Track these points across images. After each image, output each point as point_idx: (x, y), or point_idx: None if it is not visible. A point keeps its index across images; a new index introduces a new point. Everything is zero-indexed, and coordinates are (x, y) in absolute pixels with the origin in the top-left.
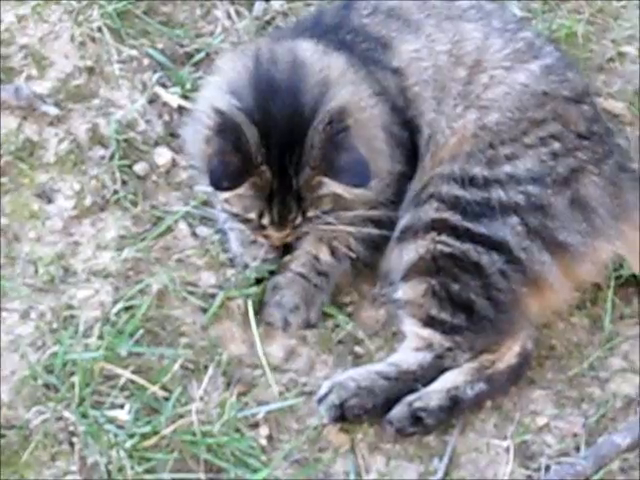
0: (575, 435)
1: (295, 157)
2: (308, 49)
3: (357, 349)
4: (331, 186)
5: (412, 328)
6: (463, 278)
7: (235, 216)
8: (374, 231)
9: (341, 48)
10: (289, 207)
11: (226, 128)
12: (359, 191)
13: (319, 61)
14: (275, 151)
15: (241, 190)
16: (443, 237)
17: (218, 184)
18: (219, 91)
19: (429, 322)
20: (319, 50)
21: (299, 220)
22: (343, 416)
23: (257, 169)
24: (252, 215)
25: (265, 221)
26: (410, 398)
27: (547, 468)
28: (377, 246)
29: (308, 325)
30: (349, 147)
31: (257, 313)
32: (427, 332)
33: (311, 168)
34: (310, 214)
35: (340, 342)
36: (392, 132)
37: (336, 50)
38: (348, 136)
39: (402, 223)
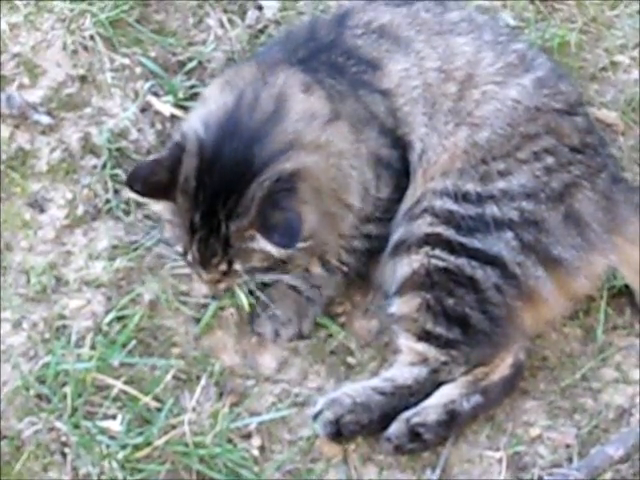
0: (568, 446)
1: (231, 203)
2: (297, 99)
3: (349, 359)
4: (261, 242)
5: (407, 343)
6: (458, 292)
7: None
8: (364, 244)
9: (331, 71)
10: (213, 250)
11: (176, 147)
12: (286, 252)
13: (299, 118)
14: (209, 190)
15: (166, 212)
16: (437, 252)
17: (131, 180)
18: (197, 118)
19: (424, 337)
20: (307, 98)
21: (223, 267)
22: (339, 432)
23: (175, 197)
24: (179, 248)
25: (189, 258)
26: (407, 414)
27: (540, 479)
28: (369, 257)
29: (300, 337)
30: (286, 207)
31: (248, 323)
32: (422, 347)
33: (246, 220)
34: (237, 267)
35: (332, 352)
36: (380, 157)
37: (327, 76)
38: (289, 197)
39: (395, 237)
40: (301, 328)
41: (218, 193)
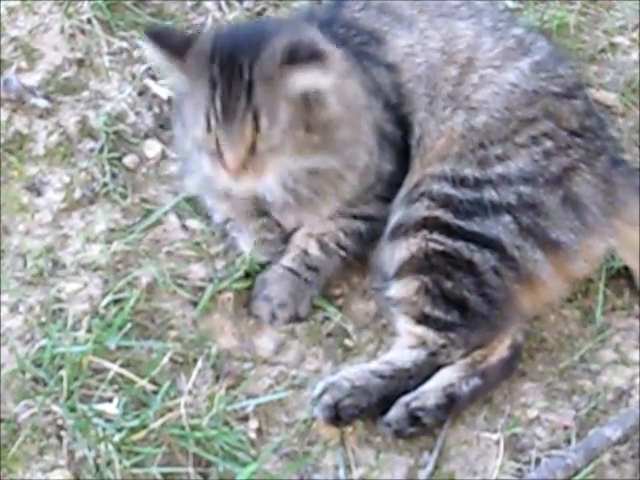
0: (566, 428)
1: (252, 51)
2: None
3: (347, 342)
4: (288, 85)
5: (406, 326)
6: (456, 275)
7: (189, 136)
8: (363, 226)
9: (335, 42)
10: (236, 98)
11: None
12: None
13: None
14: (227, 50)
15: (179, 83)
16: (435, 235)
17: (149, 29)
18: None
19: (422, 320)
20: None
21: (248, 124)
22: (338, 416)
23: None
24: (201, 119)
25: (212, 122)
26: (406, 398)
27: (537, 461)
28: (367, 240)
29: (297, 319)
30: (309, 43)
31: (246, 306)
32: (421, 330)
33: (275, 63)
34: (263, 122)
35: (330, 335)
36: (384, 130)
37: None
38: (310, 30)
39: (393, 221)
40: (297, 310)
41: (237, 46)
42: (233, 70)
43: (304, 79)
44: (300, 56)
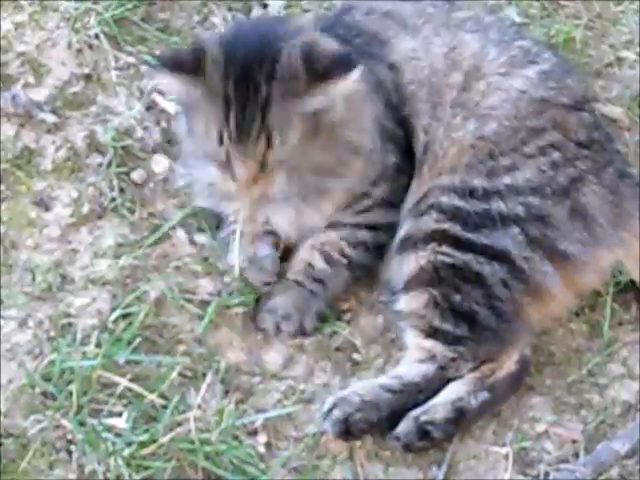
0: (574, 442)
1: (267, 65)
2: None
3: (355, 356)
4: (299, 105)
5: (414, 339)
6: (464, 288)
7: (197, 147)
8: (368, 235)
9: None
10: (251, 116)
11: (197, 40)
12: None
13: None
14: (240, 60)
15: (192, 97)
16: (443, 248)
17: (160, 59)
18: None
19: (431, 333)
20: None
21: (262, 143)
22: (348, 431)
23: (202, 71)
24: (213, 134)
25: (225, 139)
26: (415, 413)
27: (546, 475)
28: (373, 250)
29: (303, 333)
30: (326, 49)
31: (254, 320)
32: (429, 343)
33: (297, 83)
34: (276, 142)
35: (338, 349)
36: (385, 126)
37: None
38: (320, 41)
39: (401, 233)
40: (303, 323)
41: (251, 58)
42: (249, 87)
43: (333, 91)
44: (330, 69)
